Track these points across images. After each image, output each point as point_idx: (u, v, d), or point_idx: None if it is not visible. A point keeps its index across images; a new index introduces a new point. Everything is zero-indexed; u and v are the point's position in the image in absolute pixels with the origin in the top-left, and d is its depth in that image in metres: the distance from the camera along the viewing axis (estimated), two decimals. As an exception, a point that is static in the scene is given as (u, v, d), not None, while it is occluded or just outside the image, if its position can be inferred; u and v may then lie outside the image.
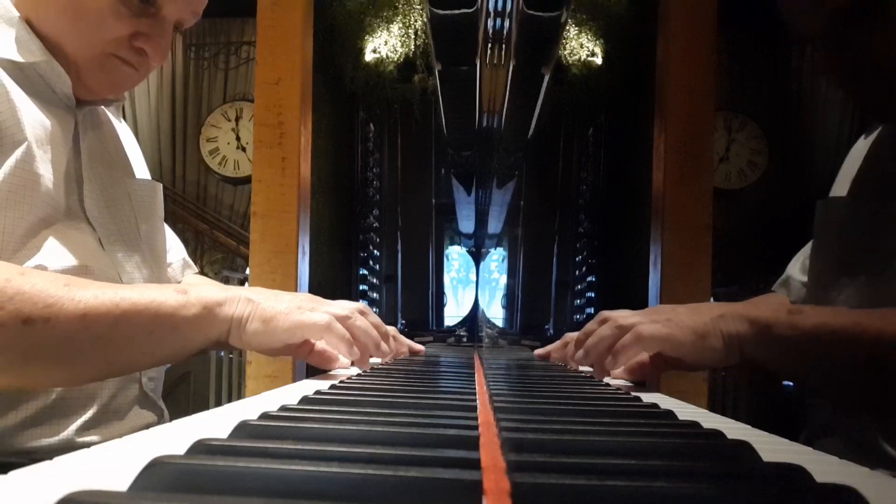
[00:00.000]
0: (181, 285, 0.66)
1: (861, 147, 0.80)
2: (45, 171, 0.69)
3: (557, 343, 1.01)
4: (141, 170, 0.91)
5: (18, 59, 0.71)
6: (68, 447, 0.66)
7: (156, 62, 0.77)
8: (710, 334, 0.65)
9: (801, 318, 0.62)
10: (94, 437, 0.73)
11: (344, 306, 0.73)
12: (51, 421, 0.71)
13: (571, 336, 0.95)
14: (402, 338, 1.05)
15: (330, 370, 0.75)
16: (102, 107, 0.86)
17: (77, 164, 0.77)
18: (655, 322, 0.67)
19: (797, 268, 0.95)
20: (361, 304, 0.77)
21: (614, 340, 0.69)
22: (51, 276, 0.59)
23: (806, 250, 0.95)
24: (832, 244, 0.79)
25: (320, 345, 0.72)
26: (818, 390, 0.72)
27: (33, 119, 0.69)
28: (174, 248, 1.03)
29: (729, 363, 0.66)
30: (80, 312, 0.57)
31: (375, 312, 0.77)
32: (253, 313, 0.65)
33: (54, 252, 0.69)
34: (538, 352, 1.07)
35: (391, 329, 0.99)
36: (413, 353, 1.07)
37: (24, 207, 0.67)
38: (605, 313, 0.74)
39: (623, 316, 0.71)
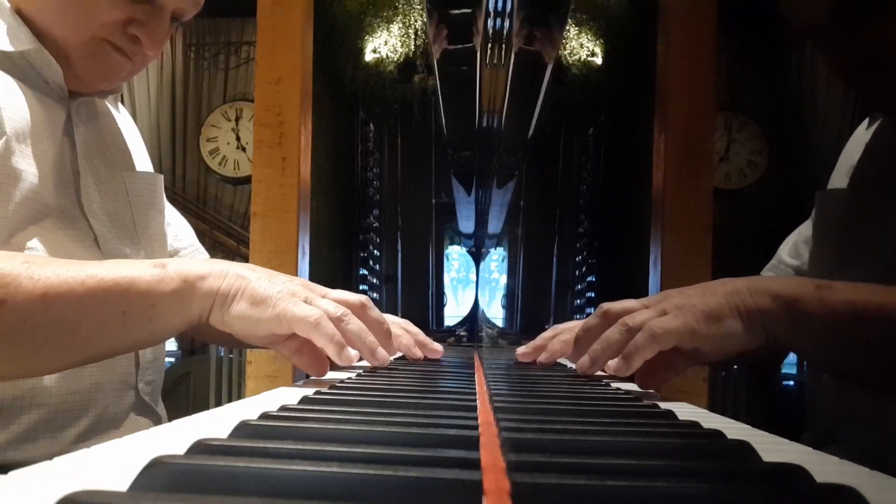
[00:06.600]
0: (160, 259, 0.59)
1: (860, 136, 0.79)
2: (27, 166, 0.67)
3: (551, 341, 0.85)
4: (142, 161, 0.88)
5: (7, 48, 0.69)
6: None
7: (151, 52, 0.75)
8: (726, 315, 0.57)
9: (831, 293, 0.56)
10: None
11: (341, 300, 0.63)
12: (45, 434, 0.68)
13: (560, 328, 0.86)
14: (414, 331, 0.87)
15: (317, 376, 0.65)
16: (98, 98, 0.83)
17: (73, 157, 0.75)
18: (665, 313, 0.59)
19: (786, 251, 0.95)
20: (363, 298, 0.66)
21: (623, 345, 0.61)
22: (8, 254, 0.54)
23: (795, 234, 0.95)
24: (831, 236, 0.78)
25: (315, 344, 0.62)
26: (851, 375, 0.65)
27: (14, 112, 0.67)
28: (182, 233, 0.99)
29: (753, 345, 0.58)
30: (38, 292, 0.52)
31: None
32: (242, 291, 0.57)
33: (41, 253, 0.67)
34: (520, 351, 0.89)
35: (403, 321, 0.88)
36: (428, 351, 0.86)
37: (3, 206, 0.64)
38: (606, 306, 0.66)
39: (628, 310, 0.63)
